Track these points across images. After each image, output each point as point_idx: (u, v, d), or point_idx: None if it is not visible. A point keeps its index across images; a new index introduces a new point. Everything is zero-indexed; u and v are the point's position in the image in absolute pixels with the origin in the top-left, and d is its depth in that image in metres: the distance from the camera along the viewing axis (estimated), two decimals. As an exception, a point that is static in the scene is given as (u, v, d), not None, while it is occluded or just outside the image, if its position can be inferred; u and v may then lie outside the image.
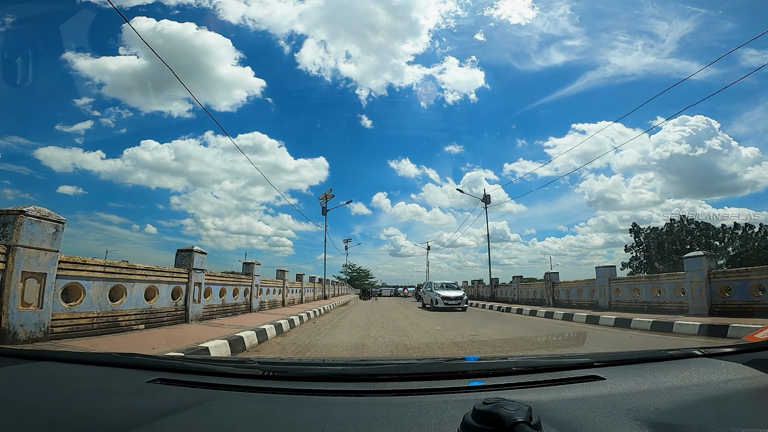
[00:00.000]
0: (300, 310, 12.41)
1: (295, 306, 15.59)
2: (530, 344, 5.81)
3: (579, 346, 5.02)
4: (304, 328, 8.45)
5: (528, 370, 1.16)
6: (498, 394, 0.96)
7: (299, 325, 8.98)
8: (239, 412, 0.87)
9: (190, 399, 0.94)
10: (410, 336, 7.16)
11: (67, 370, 1.24)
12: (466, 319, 11.48)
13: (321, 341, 6.41)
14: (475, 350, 5.53)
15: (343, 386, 1.05)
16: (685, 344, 4.97)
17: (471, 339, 6.69)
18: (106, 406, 0.92)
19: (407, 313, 14.34)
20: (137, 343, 4.83)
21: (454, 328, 8.55)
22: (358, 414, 0.85)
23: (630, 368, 1.21)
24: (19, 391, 1.03)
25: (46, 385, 1.08)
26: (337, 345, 6.09)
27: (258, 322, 7.66)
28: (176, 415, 0.84)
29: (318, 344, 6.07)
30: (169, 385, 1.07)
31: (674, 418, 0.82)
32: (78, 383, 1.12)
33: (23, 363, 1.25)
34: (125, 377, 1.14)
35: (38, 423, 0.80)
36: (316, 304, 17.12)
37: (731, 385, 1.03)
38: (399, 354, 5.20)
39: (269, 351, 5.53)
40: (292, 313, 10.89)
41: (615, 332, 7.88)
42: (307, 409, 0.88)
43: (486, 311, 16.92)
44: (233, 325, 7.23)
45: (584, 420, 0.80)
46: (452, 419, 0.77)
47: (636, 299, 11.90)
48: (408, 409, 0.86)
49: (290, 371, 1.21)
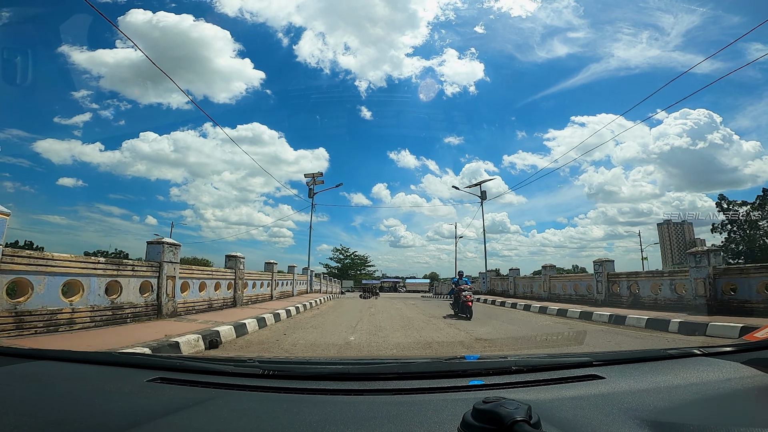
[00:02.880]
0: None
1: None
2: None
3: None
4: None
5: (528, 369, 1.16)
6: (498, 393, 0.97)
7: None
8: (239, 411, 0.87)
9: (190, 398, 0.95)
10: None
11: (67, 369, 1.24)
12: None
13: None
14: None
15: (343, 385, 1.04)
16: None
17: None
18: (107, 405, 0.91)
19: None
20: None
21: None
22: (358, 413, 0.85)
23: (629, 367, 1.21)
24: (19, 390, 1.03)
25: (46, 385, 1.08)
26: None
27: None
28: (177, 414, 0.84)
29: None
30: (169, 385, 1.07)
31: (674, 417, 0.83)
32: (78, 382, 1.12)
33: (23, 363, 1.25)
34: (125, 376, 1.13)
35: (38, 423, 0.80)
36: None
37: (730, 384, 1.04)
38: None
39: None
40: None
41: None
42: (308, 408, 0.88)
43: (514, 313, 11.80)
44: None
45: (584, 419, 0.80)
46: (452, 418, 0.77)
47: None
48: (408, 407, 0.87)
49: (290, 370, 1.21)
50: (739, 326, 5.97)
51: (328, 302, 17.76)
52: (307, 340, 5.90)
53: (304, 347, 5.28)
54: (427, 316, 10.56)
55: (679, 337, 6.33)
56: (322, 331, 7.07)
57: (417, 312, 12.02)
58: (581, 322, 9.19)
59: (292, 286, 18.42)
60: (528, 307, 12.96)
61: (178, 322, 6.82)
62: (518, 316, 10.94)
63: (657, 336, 6.50)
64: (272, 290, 14.80)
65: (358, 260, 60.49)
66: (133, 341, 4.53)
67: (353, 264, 59.84)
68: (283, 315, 9.28)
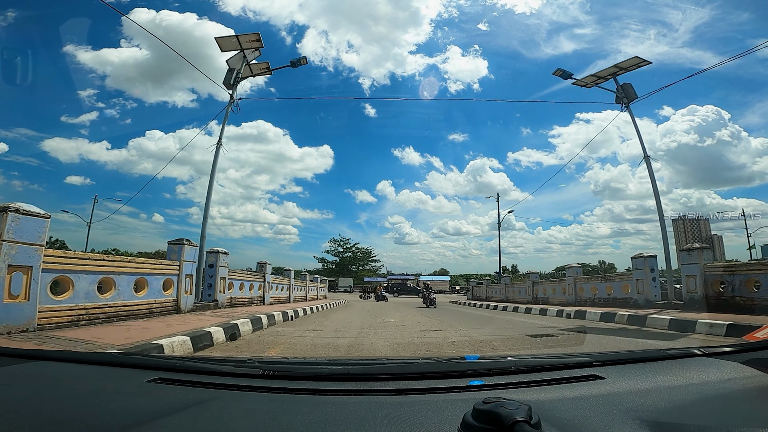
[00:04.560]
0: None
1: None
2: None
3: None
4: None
5: (528, 369, 1.16)
6: (498, 393, 0.96)
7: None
8: (240, 411, 0.87)
9: (190, 399, 0.94)
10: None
11: (67, 369, 1.24)
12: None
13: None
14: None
15: (343, 385, 1.04)
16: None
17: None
18: (107, 405, 0.91)
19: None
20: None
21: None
22: (358, 413, 0.85)
23: (630, 368, 1.21)
24: (19, 391, 1.03)
25: (46, 385, 1.08)
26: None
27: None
28: (177, 414, 0.84)
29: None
30: (169, 385, 1.07)
31: (674, 417, 0.83)
32: (78, 383, 1.12)
33: (23, 363, 1.25)
34: (126, 377, 1.13)
35: (38, 423, 0.80)
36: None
37: (730, 384, 1.04)
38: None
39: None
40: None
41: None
42: (308, 408, 0.88)
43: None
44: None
45: (584, 419, 0.80)
46: (452, 418, 0.76)
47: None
48: (408, 408, 0.86)
49: (290, 371, 1.21)
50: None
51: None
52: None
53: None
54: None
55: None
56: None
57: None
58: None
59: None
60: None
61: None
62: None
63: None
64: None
65: (360, 254, 50.56)
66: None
67: (354, 258, 50.17)
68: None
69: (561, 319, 10.23)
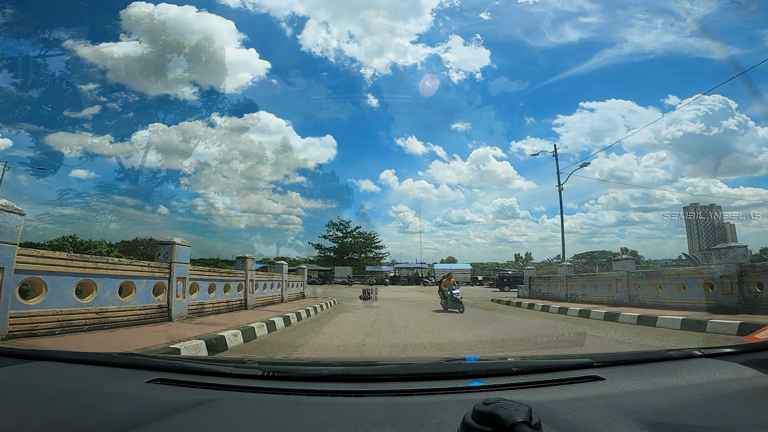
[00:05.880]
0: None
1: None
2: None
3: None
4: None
5: (528, 370, 1.16)
6: (498, 394, 0.95)
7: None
8: (239, 412, 0.87)
9: (190, 399, 0.94)
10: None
11: (67, 370, 1.24)
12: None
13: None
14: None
15: (343, 386, 1.04)
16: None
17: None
18: (107, 406, 0.91)
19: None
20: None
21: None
22: (358, 414, 0.85)
23: (630, 368, 1.21)
24: (19, 391, 1.03)
25: (46, 385, 1.08)
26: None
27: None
28: (176, 415, 0.84)
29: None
30: (169, 386, 1.07)
31: (674, 418, 0.83)
32: (78, 383, 1.12)
33: (23, 363, 1.25)
34: (125, 377, 1.13)
35: (38, 423, 0.80)
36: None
37: (731, 385, 1.04)
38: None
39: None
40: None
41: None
42: (307, 409, 0.88)
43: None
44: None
45: (584, 420, 0.80)
46: (452, 419, 0.76)
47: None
48: (408, 409, 0.86)
49: (290, 372, 1.20)
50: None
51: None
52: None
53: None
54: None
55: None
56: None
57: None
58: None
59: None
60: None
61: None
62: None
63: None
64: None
65: (362, 240, 44.07)
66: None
67: (355, 244, 43.69)
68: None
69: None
